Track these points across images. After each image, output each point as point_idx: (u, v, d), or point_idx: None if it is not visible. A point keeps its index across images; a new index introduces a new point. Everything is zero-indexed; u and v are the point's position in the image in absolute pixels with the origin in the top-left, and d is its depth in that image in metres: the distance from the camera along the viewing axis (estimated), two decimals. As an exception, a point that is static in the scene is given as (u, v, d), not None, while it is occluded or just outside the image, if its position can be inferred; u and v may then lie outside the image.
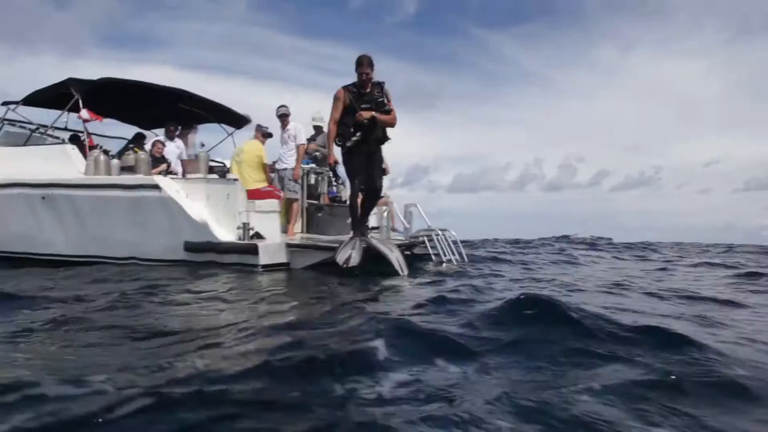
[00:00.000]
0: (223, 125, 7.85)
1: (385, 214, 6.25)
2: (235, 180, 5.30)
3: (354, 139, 4.43)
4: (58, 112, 6.51)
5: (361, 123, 4.38)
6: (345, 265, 4.53)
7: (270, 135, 5.92)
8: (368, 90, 4.45)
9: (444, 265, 5.26)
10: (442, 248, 5.51)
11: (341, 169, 6.24)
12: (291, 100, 6.12)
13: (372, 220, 6.58)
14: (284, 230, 5.78)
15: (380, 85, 4.49)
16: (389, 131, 4.69)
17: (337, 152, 4.81)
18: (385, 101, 4.43)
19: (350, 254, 4.66)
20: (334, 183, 6.85)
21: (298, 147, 5.84)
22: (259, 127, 5.87)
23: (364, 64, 4.36)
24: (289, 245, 5.15)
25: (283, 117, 5.90)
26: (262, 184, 5.59)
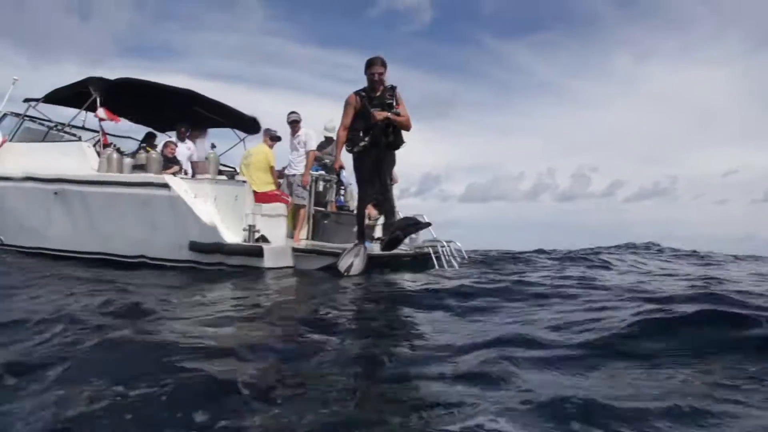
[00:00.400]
0: (236, 130, 7.95)
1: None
2: (244, 182, 5.33)
3: (362, 144, 4.32)
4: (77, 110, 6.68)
5: (373, 125, 4.24)
6: (346, 273, 4.53)
7: (278, 138, 5.97)
8: (378, 93, 4.31)
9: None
10: (446, 259, 5.49)
11: (346, 175, 6.25)
12: (305, 108, 6.24)
13: (378, 231, 6.60)
14: (290, 235, 5.79)
15: (392, 88, 4.35)
16: (405, 136, 4.50)
17: (347, 159, 4.77)
18: (394, 104, 4.27)
19: (352, 262, 4.65)
20: (342, 191, 6.86)
21: (307, 153, 5.88)
22: (267, 131, 5.94)
23: (376, 64, 4.23)
24: (294, 250, 5.17)
25: (294, 123, 5.96)
26: (270, 188, 5.62)
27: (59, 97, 6.70)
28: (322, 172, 6.31)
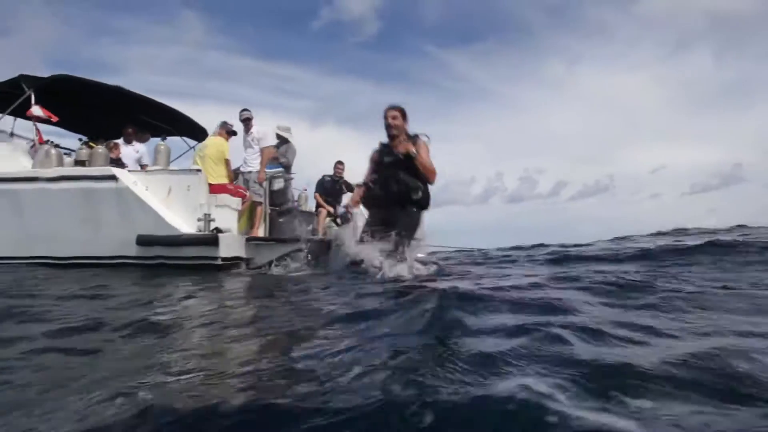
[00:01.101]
0: (185, 138, 7.71)
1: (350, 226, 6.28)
2: (198, 170, 5.15)
3: (365, 183, 3.95)
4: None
5: (382, 174, 3.87)
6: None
7: (234, 133, 5.86)
8: (396, 141, 3.89)
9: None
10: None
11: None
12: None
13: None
14: (247, 233, 5.62)
15: (414, 138, 3.89)
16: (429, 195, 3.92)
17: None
18: (414, 152, 3.76)
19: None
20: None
21: (262, 150, 5.80)
22: (223, 125, 5.82)
23: (387, 109, 3.90)
24: (249, 239, 5.02)
25: (247, 121, 5.89)
26: (225, 180, 5.46)
27: None
28: (280, 169, 6.23)
